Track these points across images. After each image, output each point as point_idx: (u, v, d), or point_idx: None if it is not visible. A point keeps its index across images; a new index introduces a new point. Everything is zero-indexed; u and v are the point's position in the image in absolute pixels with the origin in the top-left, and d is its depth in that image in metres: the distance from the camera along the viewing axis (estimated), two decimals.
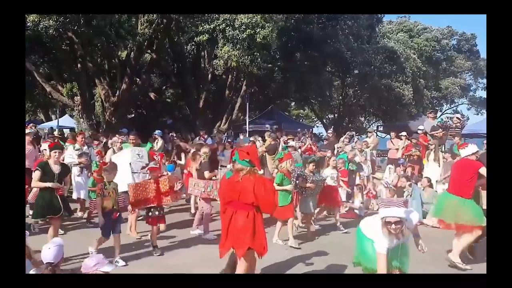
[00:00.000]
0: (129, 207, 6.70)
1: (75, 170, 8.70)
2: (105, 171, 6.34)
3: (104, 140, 12.31)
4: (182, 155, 11.88)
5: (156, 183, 6.48)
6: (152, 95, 21.04)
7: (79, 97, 16.32)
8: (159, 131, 13.15)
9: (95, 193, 8.11)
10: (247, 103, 18.12)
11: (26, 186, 9.60)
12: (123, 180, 7.04)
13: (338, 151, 12.04)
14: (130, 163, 7.78)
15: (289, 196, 7.19)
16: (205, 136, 15.00)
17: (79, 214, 8.80)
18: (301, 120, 33.44)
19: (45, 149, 8.34)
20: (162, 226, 6.62)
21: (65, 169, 6.35)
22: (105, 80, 17.09)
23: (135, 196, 6.38)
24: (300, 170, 7.81)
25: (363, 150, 11.87)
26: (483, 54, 37.54)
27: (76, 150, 9.33)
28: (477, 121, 26.88)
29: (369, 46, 22.20)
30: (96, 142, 11.47)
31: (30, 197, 7.71)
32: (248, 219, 4.48)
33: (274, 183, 6.88)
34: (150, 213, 6.48)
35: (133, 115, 22.28)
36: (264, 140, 12.75)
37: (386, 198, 4.44)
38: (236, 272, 4.42)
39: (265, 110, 22.81)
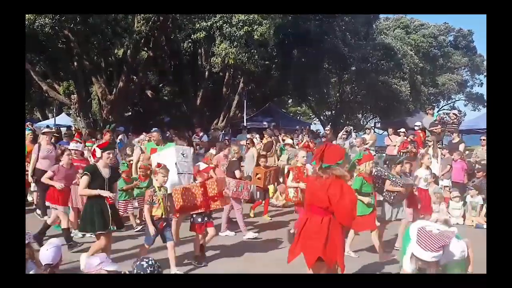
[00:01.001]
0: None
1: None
2: (160, 174, 5.56)
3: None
4: None
5: (203, 186, 5.96)
6: (149, 93, 20.98)
7: (75, 95, 16.25)
8: (156, 128, 13.11)
9: (123, 194, 7.74)
10: (245, 101, 18.10)
11: (30, 187, 9.32)
12: (169, 183, 6.54)
13: None
14: (175, 163, 7.06)
15: (372, 204, 6.23)
16: (200, 134, 14.98)
17: None
18: (298, 117, 33.45)
19: (75, 149, 7.57)
20: (211, 231, 6.05)
21: (115, 174, 5.62)
22: (101, 78, 17.02)
23: (182, 201, 5.82)
24: (385, 172, 6.88)
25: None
26: (480, 51, 37.67)
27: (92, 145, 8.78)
28: (474, 117, 27.01)
29: (366, 43, 22.19)
30: (92, 140, 10.98)
31: (74, 202, 7.12)
32: (322, 225, 4.01)
33: (353, 188, 5.57)
34: (193, 219, 5.93)
35: (130, 113, 22.23)
36: (262, 138, 12.74)
37: (428, 233, 3.71)
38: None
39: (262, 108, 22.79)
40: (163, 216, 5.38)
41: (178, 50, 19.25)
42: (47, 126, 17.54)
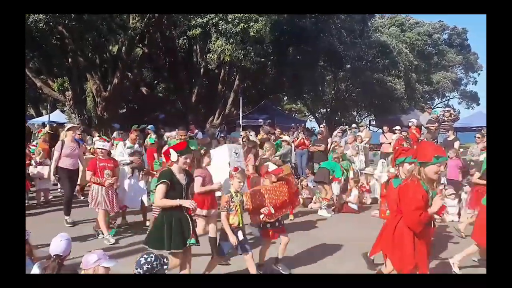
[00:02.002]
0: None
1: (126, 171, 7.78)
2: (236, 178, 5.02)
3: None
4: None
5: (278, 188, 5.38)
6: (144, 89, 20.90)
7: (70, 92, 16.15)
8: (152, 126, 13.07)
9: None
10: (240, 98, 18.07)
11: (34, 187, 9.37)
12: (226, 185, 6.04)
13: (333, 145, 12.06)
14: (229, 163, 6.67)
15: None
16: (195, 131, 14.95)
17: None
18: (294, 115, 33.47)
19: (102, 148, 7.08)
20: (285, 238, 5.36)
21: (190, 179, 4.81)
22: (96, 74, 16.93)
23: (253, 205, 5.23)
24: None
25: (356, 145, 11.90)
26: (474, 49, 37.85)
27: (128, 148, 8.25)
28: (468, 115, 27.18)
29: (361, 41, 22.23)
30: (120, 138, 10.50)
31: (99, 203, 6.76)
32: (390, 226, 3.90)
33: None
34: (266, 225, 5.29)
35: (124, 110, 22.13)
36: (257, 135, 12.75)
37: None
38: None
39: (258, 105, 22.78)
40: (240, 225, 4.85)
41: (173, 47, 19.18)
42: (42, 123, 17.42)
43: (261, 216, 5.14)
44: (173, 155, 4.53)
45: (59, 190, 10.39)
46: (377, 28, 28.80)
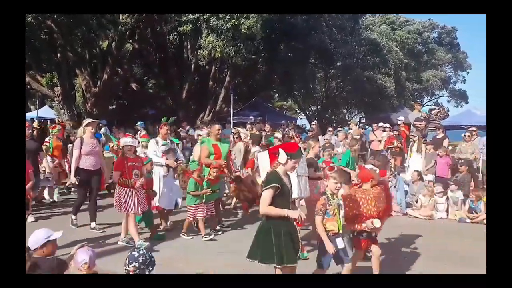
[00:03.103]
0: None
1: (160, 171, 7.25)
2: (331, 178, 4.54)
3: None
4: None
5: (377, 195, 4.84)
6: (134, 85, 20.76)
7: (59, 88, 15.97)
8: (141, 122, 12.99)
9: (193, 198, 6.77)
10: (231, 94, 18.02)
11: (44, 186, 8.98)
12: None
13: (324, 143, 12.10)
14: None
15: None
16: (187, 127, 14.89)
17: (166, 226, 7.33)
18: (284, 112, 33.46)
19: (131, 145, 6.48)
20: (376, 250, 4.83)
21: (290, 184, 4.33)
22: (86, 70, 16.77)
23: (350, 211, 4.74)
24: None
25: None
26: (463, 47, 38.17)
27: (163, 145, 7.53)
28: (457, 113, 27.40)
29: (352, 38, 22.27)
30: (146, 135, 9.91)
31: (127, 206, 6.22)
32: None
33: None
34: (358, 234, 4.82)
35: (114, 106, 21.98)
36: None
37: None
38: None
39: (249, 102, 22.74)
40: (340, 231, 4.39)
41: (164, 43, 19.07)
42: (31, 119, 17.22)
43: (364, 225, 4.70)
44: (283, 156, 4.05)
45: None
46: (368, 26, 28.87)
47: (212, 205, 7.19)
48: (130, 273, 3.27)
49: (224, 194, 8.87)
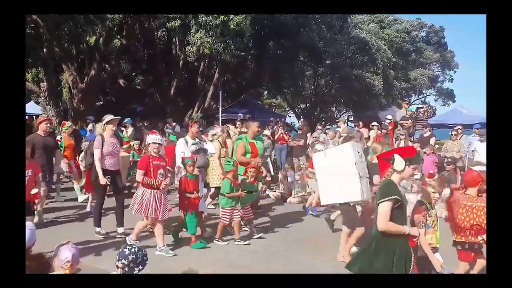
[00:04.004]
0: None
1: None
2: (431, 187, 4.19)
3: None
4: None
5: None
6: (121, 81, 20.55)
7: (45, 83, 15.78)
8: (129, 119, 12.87)
9: (228, 200, 6.45)
10: (220, 91, 17.94)
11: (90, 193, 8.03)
12: (352, 191, 5.28)
13: (313, 141, 12.12)
14: (355, 163, 5.51)
15: None
16: (173, 124, 14.79)
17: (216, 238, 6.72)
18: (274, 110, 33.48)
19: (158, 143, 6.09)
20: (482, 263, 4.29)
21: None
22: (72, 66, 16.57)
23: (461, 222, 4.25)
24: None
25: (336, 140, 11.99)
26: (451, 47, 38.51)
27: (193, 144, 7.17)
28: (444, 112, 27.70)
29: (341, 37, 22.32)
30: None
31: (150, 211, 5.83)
32: None
33: None
34: (465, 245, 4.23)
35: (101, 102, 21.75)
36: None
37: None
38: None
39: (238, 99, 22.69)
40: (437, 246, 4.02)
41: (152, 39, 18.89)
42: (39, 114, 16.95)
43: (479, 238, 4.17)
44: (400, 163, 3.51)
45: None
46: (357, 24, 28.94)
47: (249, 208, 6.83)
48: (119, 269, 3.24)
49: None
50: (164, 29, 17.32)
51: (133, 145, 10.34)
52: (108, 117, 6.82)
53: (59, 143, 9.06)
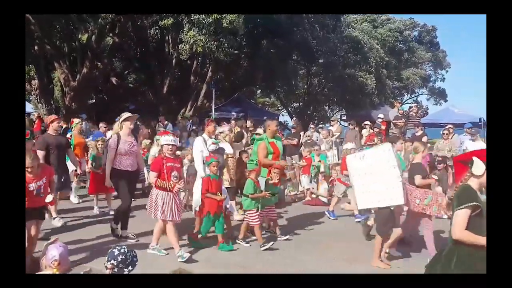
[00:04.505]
0: None
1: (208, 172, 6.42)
2: None
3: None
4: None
5: None
6: (114, 79, 20.47)
7: (36, 81, 15.66)
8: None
9: (252, 202, 6.21)
10: (213, 90, 17.92)
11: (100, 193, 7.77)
12: (394, 195, 5.07)
13: (306, 140, 12.15)
14: (397, 166, 5.21)
15: None
16: (165, 122, 14.74)
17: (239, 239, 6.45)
18: (267, 108, 33.49)
19: (173, 144, 5.75)
20: None
21: None
22: (64, 63, 16.46)
23: None
24: None
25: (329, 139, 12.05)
26: (443, 46, 38.76)
27: (214, 143, 6.84)
28: (436, 111, 27.87)
29: (334, 36, 22.38)
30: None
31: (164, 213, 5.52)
32: None
33: None
34: None
35: (94, 100, 21.65)
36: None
37: None
38: None
39: (231, 97, 22.67)
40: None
41: (145, 37, 18.83)
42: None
43: None
44: (479, 167, 3.22)
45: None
46: (350, 23, 29.01)
47: (273, 209, 6.65)
48: (108, 270, 3.22)
49: None
50: (157, 27, 17.28)
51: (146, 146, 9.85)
52: (125, 114, 6.48)
53: (69, 140, 8.66)
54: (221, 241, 6.04)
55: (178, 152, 7.33)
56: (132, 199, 6.65)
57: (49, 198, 5.10)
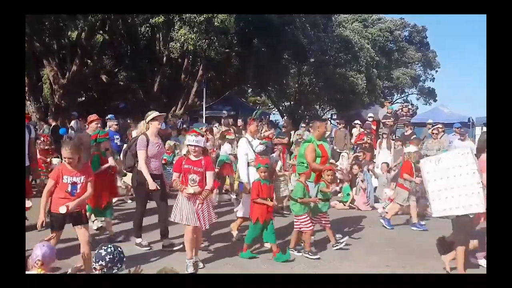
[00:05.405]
0: None
1: (255, 175, 6.04)
2: None
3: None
4: None
5: None
6: (104, 77, 20.30)
7: (25, 79, 15.47)
8: (112, 115, 12.72)
9: (302, 206, 5.88)
10: (204, 88, 17.88)
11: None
12: (475, 202, 4.73)
13: (297, 138, 12.18)
14: (477, 171, 4.87)
15: None
16: None
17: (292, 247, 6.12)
18: (258, 107, 33.50)
19: (195, 145, 5.18)
20: None
21: None
22: (54, 61, 16.28)
23: None
24: None
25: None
26: (433, 46, 39.06)
27: (262, 144, 6.47)
28: (426, 110, 28.11)
29: (325, 35, 22.45)
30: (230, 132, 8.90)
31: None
32: None
33: None
34: None
35: (83, 98, 21.48)
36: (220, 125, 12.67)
37: None
38: None
39: (222, 96, 22.64)
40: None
41: (135, 34, 18.68)
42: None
43: None
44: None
45: None
46: (341, 23, 29.10)
47: (326, 216, 6.29)
48: (97, 271, 3.22)
49: None
50: (147, 25, 17.15)
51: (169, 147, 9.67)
52: (153, 114, 6.01)
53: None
54: (276, 251, 5.66)
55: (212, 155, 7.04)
56: (164, 203, 6.05)
57: (63, 209, 4.40)
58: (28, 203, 5.74)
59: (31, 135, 6.55)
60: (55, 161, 8.57)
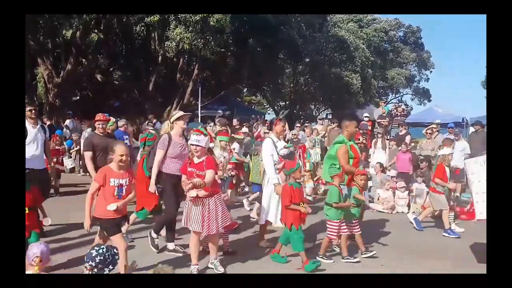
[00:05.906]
0: None
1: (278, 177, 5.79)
2: None
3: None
4: None
5: None
6: (98, 76, 20.23)
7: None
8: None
9: (337, 211, 5.51)
10: (199, 88, 17.86)
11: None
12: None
13: (292, 138, 12.18)
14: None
15: None
16: (154, 120, 14.64)
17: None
18: (253, 107, 33.52)
19: (196, 145, 4.80)
20: None
21: None
22: (48, 59, 16.23)
23: None
24: None
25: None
26: (427, 47, 39.27)
27: (287, 147, 6.27)
28: (420, 111, 28.25)
29: (320, 35, 22.50)
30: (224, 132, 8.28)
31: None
32: None
33: None
34: None
35: (78, 97, 21.40)
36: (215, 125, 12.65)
37: None
38: None
39: (217, 96, 22.62)
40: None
41: (130, 33, 18.64)
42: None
43: None
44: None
45: None
46: (336, 23, 29.18)
47: (356, 223, 5.90)
48: (87, 271, 3.23)
49: None
50: (142, 24, 17.12)
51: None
52: (178, 113, 5.75)
53: None
54: (306, 262, 5.15)
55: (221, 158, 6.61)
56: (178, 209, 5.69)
57: (112, 207, 4.22)
58: (46, 221, 5.51)
59: (46, 135, 6.44)
60: (68, 162, 8.36)
